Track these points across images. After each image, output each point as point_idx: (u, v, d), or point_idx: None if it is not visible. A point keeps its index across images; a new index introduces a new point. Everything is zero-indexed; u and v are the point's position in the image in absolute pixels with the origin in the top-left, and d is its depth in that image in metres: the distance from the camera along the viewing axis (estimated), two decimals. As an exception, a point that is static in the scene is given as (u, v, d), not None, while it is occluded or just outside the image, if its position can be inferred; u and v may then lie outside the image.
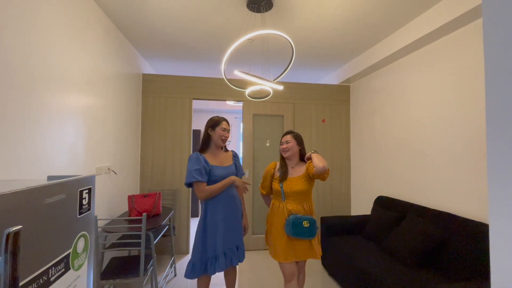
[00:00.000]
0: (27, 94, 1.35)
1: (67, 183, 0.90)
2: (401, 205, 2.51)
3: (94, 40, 2.05)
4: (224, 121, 1.91)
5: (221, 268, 1.75)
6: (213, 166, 1.82)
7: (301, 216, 1.80)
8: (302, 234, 1.77)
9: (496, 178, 0.53)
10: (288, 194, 1.87)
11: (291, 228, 1.77)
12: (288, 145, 1.93)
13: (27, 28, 1.34)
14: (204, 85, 3.39)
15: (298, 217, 1.79)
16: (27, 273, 0.71)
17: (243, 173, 2.03)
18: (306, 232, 1.77)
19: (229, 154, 1.99)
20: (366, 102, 3.35)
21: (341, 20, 2.32)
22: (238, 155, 2.04)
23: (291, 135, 1.98)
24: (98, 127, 2.13)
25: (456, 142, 2.08)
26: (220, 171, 1.81)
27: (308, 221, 1.78)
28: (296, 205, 1.86)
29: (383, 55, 2.71)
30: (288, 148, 1.93)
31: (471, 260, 1.71)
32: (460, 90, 2.06)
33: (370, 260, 2.09)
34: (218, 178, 1.80)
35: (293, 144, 1.94)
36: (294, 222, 1.77)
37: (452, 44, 2.14)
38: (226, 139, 1.90)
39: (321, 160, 1.74)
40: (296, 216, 1.79)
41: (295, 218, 1.78)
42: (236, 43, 1.82)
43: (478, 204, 1.90)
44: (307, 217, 1.80)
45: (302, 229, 1.77)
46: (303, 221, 1.78)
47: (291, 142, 1.94)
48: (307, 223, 1.77)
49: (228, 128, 1.91)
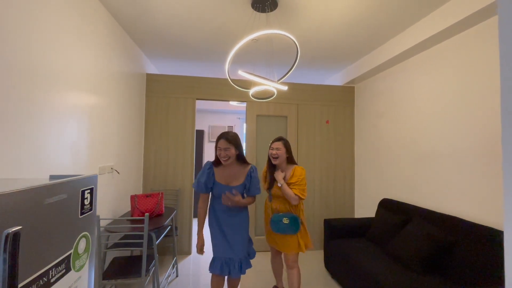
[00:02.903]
0: (30, 93, 1.34)
1: (69, 183, 0.89)
2: (406, 208, 2.47)
3: (98, 39, 2.05)
4: (221, 139, 1.81)
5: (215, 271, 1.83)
6: (217, 183, 1.86)
7: (281, 214, 1.98)
8: (282, 229, 1.95)
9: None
10: (274, 196, 2.08)
11: (272, 225, 1.98)
12: (278, 152, 2.04)
13: (30, 27, 1.34)
14: (208, 85, 3.38)
15: (278, 215, 1.98)
16: (27, 274, 0.70)
17: (255, 192, 1.90)
18: (286, 228, 1.94)
19: (245, 170, 1.89)
20: (371, 104, 3.31)
21: (346, 20, 2.30)
22: (253, 174, 1.90)
23: (282, 143, 2.08)
24: (101, 127, 2.13)
25: (463, 145, 2.04)
26: (220, 190, 1.84)
27: (288, 218, 1.94)
28: (281, 205, 2.04)
29: (389, 56, 2.68)
30: (277, 154, 2.04)
31: (479, 266, 1.67)
32: (467, 92, 2.02)
33: (374, 263, 2.06)
34: (217, 195, 1.86)
35: (283, 152, 2.05)
36: (274, 220, 1.98)
37: (458, 45, 2.10)
38: (224, 159, 1.80)
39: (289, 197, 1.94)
40: (277, 214, 1.99)
41: (275, 216, 1.99)
42: (240, 43, 1.81)
43: (486, 208, 1.86)
44: (287, 214, 1.97)
45: (281, 225, 1.94)
46: (282, 218, 1.95)
47: (281, 149, 2.05)
48: (286, 219, 1.94)
49: (225, 147, 1.78)
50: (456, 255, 1.83)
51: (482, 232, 1.75)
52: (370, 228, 2.66)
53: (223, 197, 1.80)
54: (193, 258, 3.18)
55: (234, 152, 1.82)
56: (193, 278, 2.68)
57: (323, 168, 3.55)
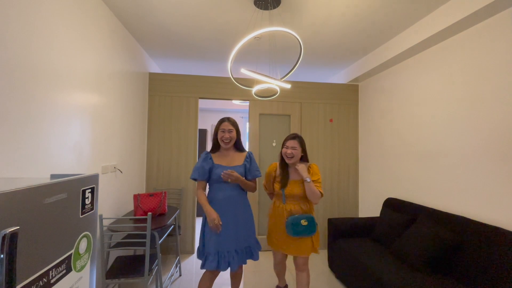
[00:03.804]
0: (32, 92, 1.34)
1: (69, 182, 0.88)
2: (411, 207, 2.43)
3: (100, 38, 2.04)
4: (224, 121, 1.85)
5: (211, 267, 1.72)
6: (216, 165, 1.83)
7: (299, 215, 1.87)
8: (302, 232, 1.85)
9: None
10: (288, 197, 1.95)
11: (291, 229, 1.85)
12: (294, 151, 1.93)
13: (31, 26, 1.33)
14: (210, 84, 3.37)
15: (296, 217, 1.86)
16: (26, 275, 0.69)
17: (255, 175, 1.90)
18: (305, 230, 1.85)
19: (243, 155, 1.93)
20: (375, 102, 3.27)
21: (350, 17, 2.26)
22: (252, 156, 1.95)
23: (297, 141, 1.96)
24: (104, 126, 2.13)
25: (469, 143, 2.00)
26: (220, 171, 1.78)
27: (306, 219, 1.86)
28: (295, 206, 1.93)
29: (393, 53, 2.63)
30: (293, 154, 1.93)
31: (486, 266, 1.63)
32: (475, 89, 1.97)
33: (379, 263, 2.03)
34: (217, 176, 1.79)
35: (299, 151, 1.95)
36: (293, 223, 1.85)
37: (464, 42, 2.05)
38: (227, 141, 1.83)
39: (313, 196, 1.84)
40: (294, 216, 1.86)
41: (293, 219, 1.85)
42: (243, 41, 1.79)
43: (493, 207, 1.81)
44: (304, 215, 1.87)
45: (300, 228, 1.84)
46: (301, 220, 1.85)
47: (297, 149, 1.94)
48: (305, 221, 1.85)
49: (229, 128, 1.83)
50: (463, 255, 1.79)
51: (489, 231, 1.71)
52: (374, 228, 2.62)
53: (223, 174, 1.73)
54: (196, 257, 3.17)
55: (235, 136, 1.87)
56: (196, 277, 2.67)
57: (327, 167, 3.51)
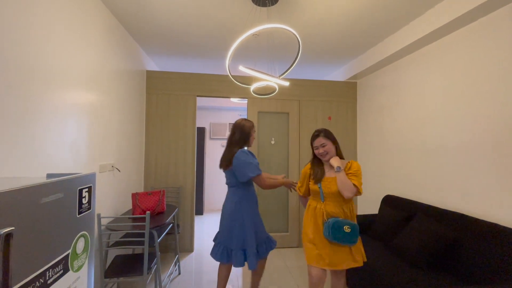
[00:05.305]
0: (28, 91, 1.32)
1: (65, 182, 0.87)
2: (410, 204, 2.44)
3: (97, 36, 2.02)
4: None
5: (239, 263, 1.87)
6: None
7: (342, 220, 1.67)
8: (342, 239, 1.64)
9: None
10: (327, 195, 1.74)
11: (330, 231, 1.64)
12: (326, 148, 1.77)
13: (27, 24, 1.31)
14: (208, 82, 3.35)
15: (339, 220, 1.66)
16: (22, 276, 0.68)
17: None
18: (346, 237, 1.64)
19: None
20: (373, 99, 3.26)
21: (348, 14, 2.25)
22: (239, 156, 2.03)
23: (322, 136, 1.80)
24: (101, 124, 2.11)
25: (468, 140, 2.00)
26: None
27: (350, 227, 1.64)
28: (336, 208, 1.73)
29: (392, 50, 2.62)
30: (326, 151, 1.77)
31: (484, 262, 1.64)
32: (472, 87, 1.97)
33: (378, 260, 2.03)
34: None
35: (330, 145, 1.78)
36: (334, 226, 1.64)
37: (463, 39, 2.05)
38: None
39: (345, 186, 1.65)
40: (337, 219, 1.67)
41: (336, 221, 1.65)
42: (241, 38, 1.77)
43: (492, 204, 1.82)
44: (349, 222, 1.67)
45: (342, 234, 1.63)
46: (344, 225, 1.64)
47: (327, 144, 1.78)
48: (348, 228, 1.64)
49: None
50: (461, 251, 1.80)
51: (487, 228, 1.72)
52: (373, 225, 2.63)
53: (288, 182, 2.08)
54: (195, 256, 3.18)
55: None
56: (196, 275, 2.67)
57: (326, 165, 3.51)
